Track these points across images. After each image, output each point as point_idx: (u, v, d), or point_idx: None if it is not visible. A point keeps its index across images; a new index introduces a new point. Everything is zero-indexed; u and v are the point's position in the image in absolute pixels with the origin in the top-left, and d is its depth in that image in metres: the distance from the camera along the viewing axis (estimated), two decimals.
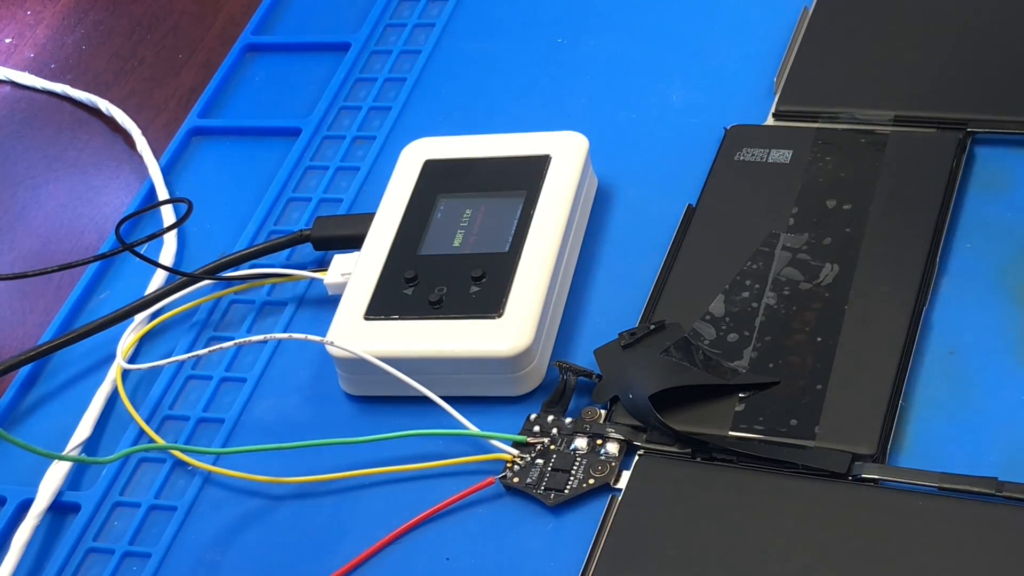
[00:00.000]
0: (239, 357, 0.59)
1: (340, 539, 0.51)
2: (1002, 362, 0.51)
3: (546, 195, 0.58)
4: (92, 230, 0.68)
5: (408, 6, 0.74)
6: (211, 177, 0.69)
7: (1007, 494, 0.46)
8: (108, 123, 0.74)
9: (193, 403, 0.58)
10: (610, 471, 0.50)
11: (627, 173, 0.62)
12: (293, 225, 0.64)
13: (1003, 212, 0.56)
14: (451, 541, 0.50)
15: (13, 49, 0.80)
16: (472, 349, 0.53)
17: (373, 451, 0.53)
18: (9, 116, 0.76)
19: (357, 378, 0.55)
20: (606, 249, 0.60)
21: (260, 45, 0.75)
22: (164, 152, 0.70)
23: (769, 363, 0.52)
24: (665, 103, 0.65)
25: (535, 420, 0.53)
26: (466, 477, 0.52)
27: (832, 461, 0.48)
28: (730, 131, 0.61)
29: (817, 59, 0.63)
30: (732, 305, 0.54)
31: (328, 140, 0.68)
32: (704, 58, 0.66)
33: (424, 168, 0.61)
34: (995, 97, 0.59)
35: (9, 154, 0.74)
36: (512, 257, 0.56)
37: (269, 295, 0.62)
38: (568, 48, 0.69)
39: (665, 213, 0.59)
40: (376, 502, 0.52)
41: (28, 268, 0.67)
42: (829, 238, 0.55)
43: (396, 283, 0.56)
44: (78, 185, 0.71)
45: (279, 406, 0.57)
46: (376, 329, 0.55)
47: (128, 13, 0.80)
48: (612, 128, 0.64)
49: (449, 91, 0.69)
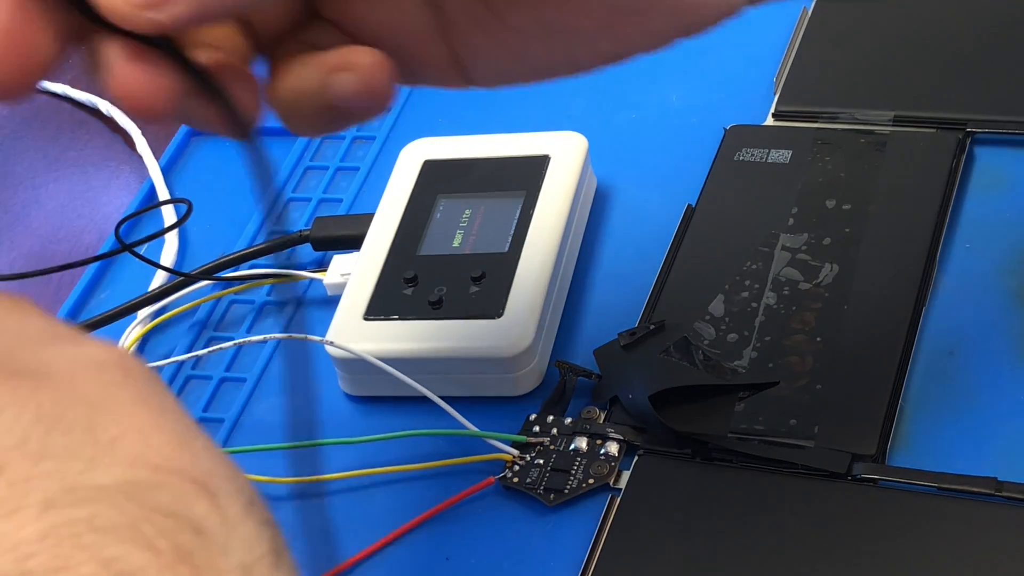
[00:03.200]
0: (239, 357, 0.59)
1: (339, 539, 0.51)
2: (1002, 362, 0.51)
3: (545, 195, 0.58)
4: (92, 230, 0.68)
5: None
6: (211, 177, 0.69)
7: (1007, 494, 0.46)
8: (108, 123, 0.74)
9: (193, 403, 0.58)
10: (610, 471, 0.50)
11: (627, 173, 0.62)
12: (293, 225, 0.64)
13: (1003, 212, 0.56)
14: (451, 541, 0.50)
15: None
16: (472, 349, 0.53)
17: (373, 451, 0.53)
18: (9, 116, 0.76)
19: (357, 378, 0.55)
20: (606, 249, 0.60)
21: None
22: (164, 152, 0.70)
23: (769, 363, 0.52)
24: (665, 103, 0.65)
25: (535, 420, 0.53)
26: (466, 477, 0.52)
27: (832, 461, 0.48)
28: (730, 131, 0.61)
29: (817, 59, 0.63)
30: (732, 305, 0.54)
31: (327, 140, 0.68)
32: (704, 58, 0.66)
33: (423, 168, 0.61)
34: (994, 97, 0.59)
35: (9, 154, 0.74)
36: (512, 257, 0.56)
37: (269, 295, 0.62)
38: None
39: (665, 213, 0.59)
40: (375, 502, 0.52)
41: (28, 268, 0.67)
42: (829, 238, 0.55)
43: (396, 283, 0.56)
44: (78, 185, 0.71)
45: (279, 406, 0.57)
46: (375, 329, 0.55)
47: None
48: (611, 128, 0.64)
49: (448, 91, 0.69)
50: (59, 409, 0.31)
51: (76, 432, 0.30)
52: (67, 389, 0.31)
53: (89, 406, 0.31)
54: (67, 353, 0.33)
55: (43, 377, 0.32)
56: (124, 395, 0.32)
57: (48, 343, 0.33)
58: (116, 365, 0.33)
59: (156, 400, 0.33)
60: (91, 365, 0.33)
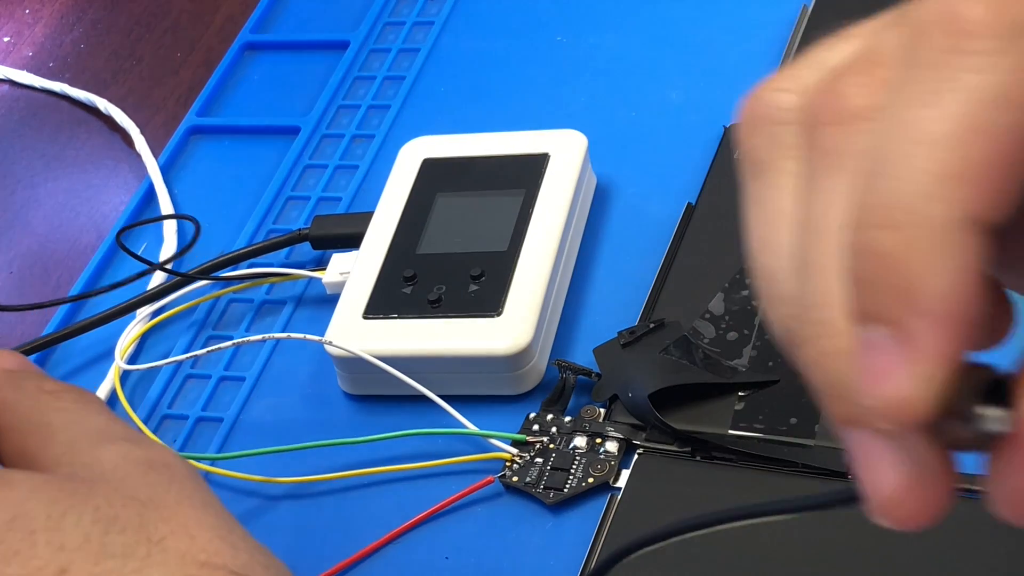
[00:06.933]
0: (238, 356, 0.59)
1: (339, 538, 0.51)
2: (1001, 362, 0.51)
3: (545, 193, 0.58)
4: (91, 229, 0.68)
5: (407, 4, 0.74)
6: (210, 176, 0.68)
7: None
8: (107, 122, 0.74)
9: (192, 402, 0.58)
10: (609, 470, 0.50)
11: (626, 171, 0.62)
12: (292, 224, 0.64)
13: None
14: (450, 540, 0.50)
15: (11, 48, 0.80)
16: (471, 348, 0.53)
17: (372, 450, 0.53)
18: (7, 115, 0.76)
19: (356, 377, 0.55)
20: (605, 248, 0.59)
21: (259, 43, 0.75)
22: (163, 151, 0.70)
23: (769, 361, 0.52)
24: (665, 102, 0.65)
25: (534, 419, 0.53)
26: (465, 476, 0.52)
27: (832, 460, 0.48)
28: (730, 130, 0.61)
29: None
30: (732, 303, 0.54)
31: (327, 139, 0.68)
32: (704, 57, 0.66)
33: (423, 166, 0.61)
34: None
35: (7, 153, 0.74)
36: (511, 256, 0.56)
37: (268, 294, 0.61)
38: (567, 46, 0.69)
39: (664, 211, 0.59)
40: (375, 501, 0.52)
41: (27, 267, 0.66)
42: None
43: (395, 282, 0.56)
44: (76, 184, 0.71)
45: (278, 405, 0.57)
46: (375, 328, 0.55)
47: (126, 12, 0.80)
48: (611, 126, 0.64)
49: (448, 89, 0.69)
50: (114, 510, 0.34)
51: (130, 531, 0.34)
52: (120, 489, 0.35)
53: (140, 505, 0.35)
54: (120, 452, 0.36)
55: (99, 478, 0.35)
56: (170, 495, 0.35)
57: (104, 443, 0.37)
58: (163, 465, 0.36)
59: (199, 497, 0.36)
60: (141, 464, 0.36)
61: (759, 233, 0.28)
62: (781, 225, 0.27)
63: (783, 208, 0.27)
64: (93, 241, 0.67)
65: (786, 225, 0.27)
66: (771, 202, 0.28)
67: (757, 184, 0.28)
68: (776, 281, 0.27)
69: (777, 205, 0.27)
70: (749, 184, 0.28)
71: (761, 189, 0.28)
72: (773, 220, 0.27)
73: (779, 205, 0.27)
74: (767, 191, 0.28)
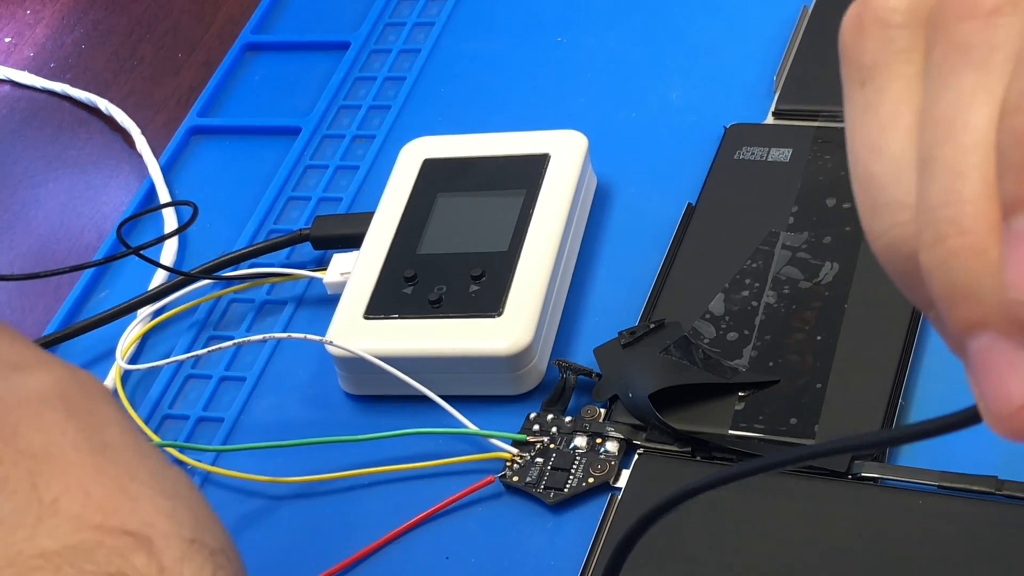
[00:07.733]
0: (238, 356, 0.59)
1: (340, 538, 0.51)
2: None
3: (545, 194, 0.58)
4: (92, 229, 0.68)
5: (407, 5, 0.74)
6: (211, 176, 0.68)
7: (1007, 493, 0.46)
8: (108, 122, 0.74)
9: (192, 402, 0.58)
10: (610, 470, 0.50)
11: (626, 172, 0.62)
12: (293, 224, 0.64)
13: None
14: (451, 540, 0.50)
15: (12, 48, 0.80)
16: (472, 348, 0.53)
17: (373, 450, 0.53)
18: (9, 115, 0.76)
19: (357, 377, 0.55)
20: (605, 248, 0.59)
21: (260, 44, 0.75)
22: (164, 151, 0.70)
23: (769, 362, 0.52)
24: (665, 102, 0.65)
25: (535, 419, 0.53)
26: (466, 476, 0.52)
27: (832, 460, 0.48)
28: (730, 130, 0.61)
29: (817, 58, 0.63)
30: (732, 304, 0.54)
31: (328, 139, 0.68)
32: (704, 57, 0.66)
33: (423, 167, 0.61)
34: None
35: (8, 153, 0.74)
36: (511, 256, 0.56)
37: (269, 294, 0.61)
38: (567, 47, 0.69)
39: (665, 212, 0.59)
40: (376, 501, 0.52)
41: (27, 267, 0.67)
42: (829, 237, 0.55)
43: (395, 282, 0.56)
44: (77, 184, 0.71)
45: (279, 405, 0.57)
46: (375, 328, 0.55)
47: (127, 12, 0.80)
48: (611, 127, 0.64)
49: (448, 90, 0.69)
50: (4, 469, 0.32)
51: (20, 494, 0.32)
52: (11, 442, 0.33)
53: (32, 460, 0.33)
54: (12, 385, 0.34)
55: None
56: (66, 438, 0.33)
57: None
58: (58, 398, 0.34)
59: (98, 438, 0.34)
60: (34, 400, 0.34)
61: (868, 140, 0.27)
62: (897, 129, 0.26)
63: (898, 111, 0.27)
64: (94, 241, 0.68)
65: (903, 128, 0.26)
66: (885, 105, 0.27)
67: (867, 89, 0.27)
68: (886, 188, 0.26)
69: (891, 108, 0.27)
70: (856, 91, 0.28)
71: (872, 93, 0.27)
72: (887, 124, 0.27)
73: (894, 108, 0.27)
74: (879, 94, 0.27)
